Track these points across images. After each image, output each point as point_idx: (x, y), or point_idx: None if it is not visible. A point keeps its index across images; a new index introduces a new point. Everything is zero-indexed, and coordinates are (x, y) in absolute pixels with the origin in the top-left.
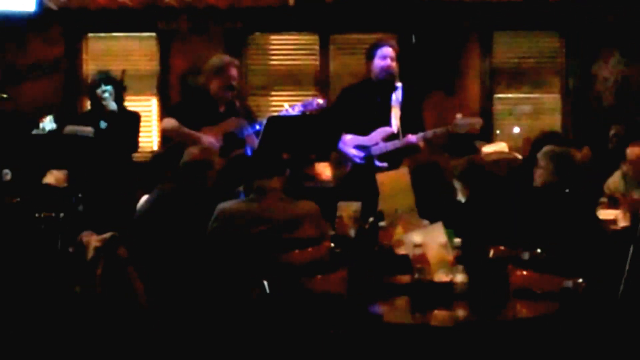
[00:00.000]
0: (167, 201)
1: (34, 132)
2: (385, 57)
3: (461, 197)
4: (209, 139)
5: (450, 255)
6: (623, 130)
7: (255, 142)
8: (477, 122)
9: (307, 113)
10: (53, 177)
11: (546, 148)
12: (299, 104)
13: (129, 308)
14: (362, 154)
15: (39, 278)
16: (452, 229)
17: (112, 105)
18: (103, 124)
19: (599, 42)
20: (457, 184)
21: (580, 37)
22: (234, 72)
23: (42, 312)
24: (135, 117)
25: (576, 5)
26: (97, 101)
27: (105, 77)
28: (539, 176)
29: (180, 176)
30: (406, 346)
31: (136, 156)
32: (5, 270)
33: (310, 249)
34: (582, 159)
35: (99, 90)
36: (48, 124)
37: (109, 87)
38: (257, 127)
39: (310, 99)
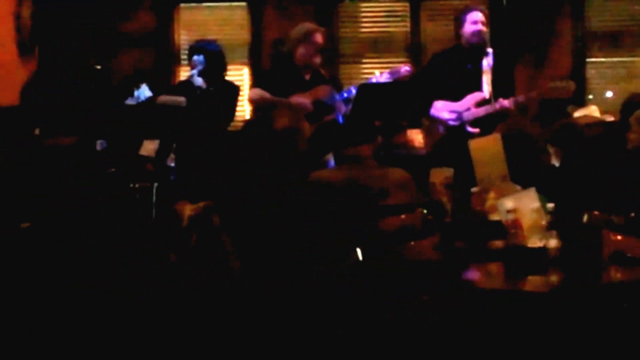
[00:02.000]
0: (259, 168)
1: (128, 101)
2: (476, 22)
3: (555, 162)
4: (299, 99)
5: (543, 221)
6: None
7: (344, 109)
8: (569, 86)
9: (396, 80)
10: (147, 148)
11: (638, 112)
12: (386, 71)
13: (222, 276)
14: (454, 120)
15: (135, 248)
16: (545, 194)
17: (198, 81)
18: (199, 93)
19: None
20: (551, 148)
21: None
22: (319, 39)
23: (138, 281)
24: (234, 90)
25: None
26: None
27: (198, 46)
28: (632, 140)
29: (271, 144)
30: (500, 312)
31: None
32: (102, 240)
33: (402, 216)
34: None
35: (191, 60)
36: (143, 91)
37: (199, 58)
38: (345, 94)
39: (398, 66)
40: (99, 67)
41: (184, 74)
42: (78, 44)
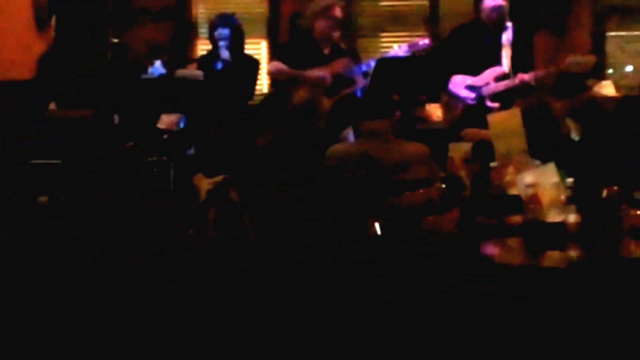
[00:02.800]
0: (278, 143)
1: (144, 76)
2: None
3: (574, 136)
4: (319, 72)
5: (562, 196)
6: None
7: (363, 82)
8: (589, 60)
9: (415, 53)
10: (165, 121)
11: None
12: (404, 44)
13: (241, 250)
14: (473, 95)
15: (153, 221)
16: (564, 169)
17: (225, 54)
18: (219, 66)
19: None
20: (571, 123)
21: None
22: (337, 12)
23: (156, 255)
24: (254, 64)
25: None
26: (211, 43)
27: (223, 20)
28: None
29: (290, 119)
30: (519, 287)
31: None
32: (121, 214)
33: (421, 190)
34: None
35: (215, 33)
36: (157, 68)
37: (225, 31)
38: (364, 67)
39: (416, 39)
40: (115, 40)
41: (202, 47)
42: (95, 17)
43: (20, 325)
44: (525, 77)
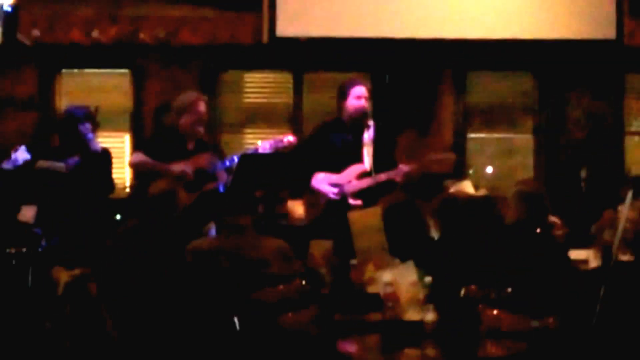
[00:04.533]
0: (134, 235)
1: (5, 164)
2: (360, 96)
3: (434, 234)
4: (180, 166)
5: (421, 294)
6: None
7: (226, 178)
8: (449, 158)
9: (279, 150)
10: (24, 213)
11: (518, 188)
12: (268, 141)
13: (99, 344)
14: (336, 190)
15: (10, 313)
16: (424, 267)
17: (96, 146)
18: (73, 161)
19: (571, 83)
20: (431, 221)
21: (552, 78)
22: (202, 107)
23: (12, 347)
24: (106, 155)
25: (548, 46)
26: (73, 136)
27: (88, 114)
28: (509, 216)
29: (147, 209)
30: None
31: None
32: None
33: (280, 286)
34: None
35: (82, 127)
36: (21, 153)
37: (89, 125)
38: (228, 163)
39: (280, 136)
40: None
41: None
42: None
43: None
44: (383, 176)
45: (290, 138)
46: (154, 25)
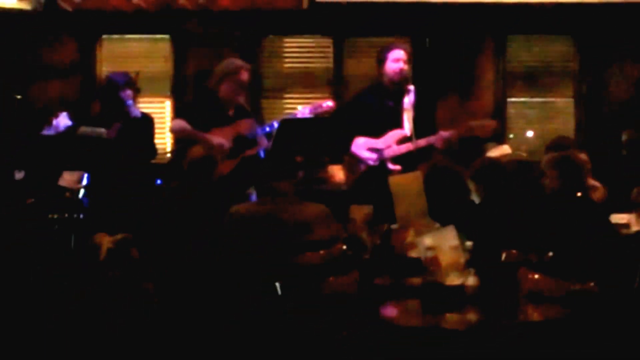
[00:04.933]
0: (176, 198)
1: (47, 130)
2: (398, 59)
3: (475, 198)
4: (219, 139)
5: (462, 258)
6: (635, 135)
7: (266, 144)
8: (490, 124)
9: (318, 115)
10: (66, 179)
11: (547, 156)
12: (308, 106)
13: (141, 309)
14: (375, 157)
15: (53, 279)
16: (464, 232)
17: (136, 112)
18: (115, 127)
19: (612, 47)
20: (472, 185)
21: (593, 42)
22: (244, 76)
23: (55, 313)
24: (148, 121)
25: (589, 9)
26: (114, 103)
27: (128, 80)
28: (547, 185)
29: (185, 175)
30: (417, 349)
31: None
32: (20, 271)
33: (322, 251)
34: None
35: (122, 94)
36: (63, 120)
37: (130, 92)
38: (268, 129)
39: (320, 101)
40: (19, 96)
41: None
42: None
43: None
44: (423, 142)
45: (329, 103)
46: None
